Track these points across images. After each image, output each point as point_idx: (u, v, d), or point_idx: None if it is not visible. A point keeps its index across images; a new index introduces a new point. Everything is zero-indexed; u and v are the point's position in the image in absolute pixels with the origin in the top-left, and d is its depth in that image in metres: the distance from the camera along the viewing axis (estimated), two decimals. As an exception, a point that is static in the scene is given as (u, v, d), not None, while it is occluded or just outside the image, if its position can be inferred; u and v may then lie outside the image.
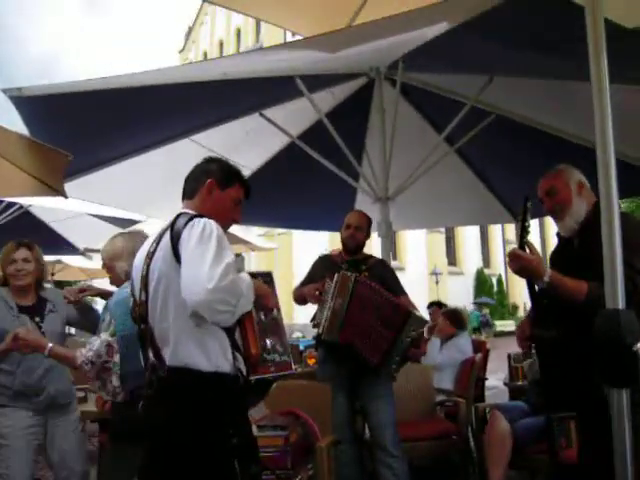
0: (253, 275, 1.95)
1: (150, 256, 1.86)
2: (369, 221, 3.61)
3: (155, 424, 1.81)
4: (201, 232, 1.75)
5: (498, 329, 27.38)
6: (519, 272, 2.09)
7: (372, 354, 3.07)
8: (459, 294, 27.53)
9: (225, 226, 1.93)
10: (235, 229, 6.99)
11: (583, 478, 2.19)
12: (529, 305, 2.33)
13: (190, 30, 43.23)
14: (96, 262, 8.40)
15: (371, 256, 3.55)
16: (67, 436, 3.03)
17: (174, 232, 1.80)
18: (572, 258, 2.17)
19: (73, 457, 3.03)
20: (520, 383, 4.18)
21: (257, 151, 4.72)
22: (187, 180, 2.05)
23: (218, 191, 1.99)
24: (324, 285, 3.27)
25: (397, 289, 3.36)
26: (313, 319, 3.33)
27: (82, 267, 9.72)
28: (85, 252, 7.86)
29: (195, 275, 1.67)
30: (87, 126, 3.24)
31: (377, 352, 3.07)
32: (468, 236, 33.58)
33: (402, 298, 3.29)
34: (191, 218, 1.81)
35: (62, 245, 6.86)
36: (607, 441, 1.97)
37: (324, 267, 3.49)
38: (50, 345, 2.53)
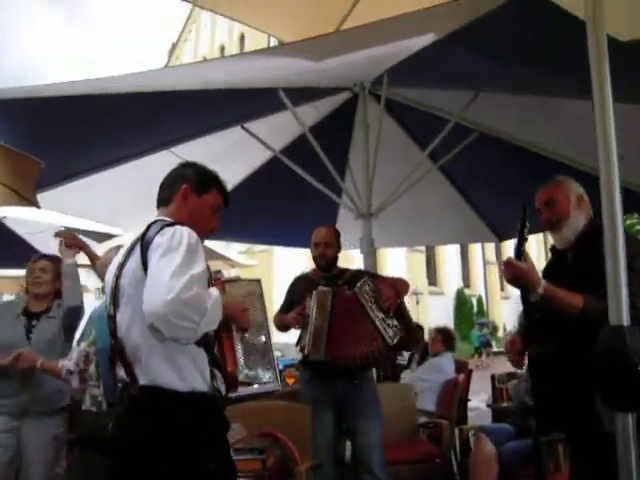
0: (237, 282, 1.85)
1: (120, 268, 1.75)
2: (337, 234, 3.53)
3: (125, 445, 1.69)
4: (169, 240, 1.64)
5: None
6: (513, 282, 2.03)
7: (371, 346, 3.00)
8: (439, 314, 27.51)
9: (203, 235, 1.82)
10: (215, 245, 6.86)
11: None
12: (508, 326, 2.26)
13: (174, 47, 43.22)
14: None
15: (347, 269, 3.47)
16: (40, 451, 2.91)
17: (144, 242, 1.69)
18: (566, 272, 2.11)
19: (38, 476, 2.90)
20: (505, 405, 4.10)
21: (238, 165, 4.63)
22: (162, 186, 1.95)
23: (194, 197, 1.89)
24: (304, 307, 3.19)
25: None
26: (298, 342, 3.24)
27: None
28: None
29: (155, 285, 1.56)
30: (60, 134, 3.13)
31: (374, 340, 3.00)
32: (448, 256, 33.68)
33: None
34: (163, 227, 1.70)
35: (37, 259, 6.66)
36: (601, 465, 1.90)
37: (302, 288, 3.39)
38: (40, 361, 2.78)
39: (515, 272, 2.00)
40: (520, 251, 2.04)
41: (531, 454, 2.96)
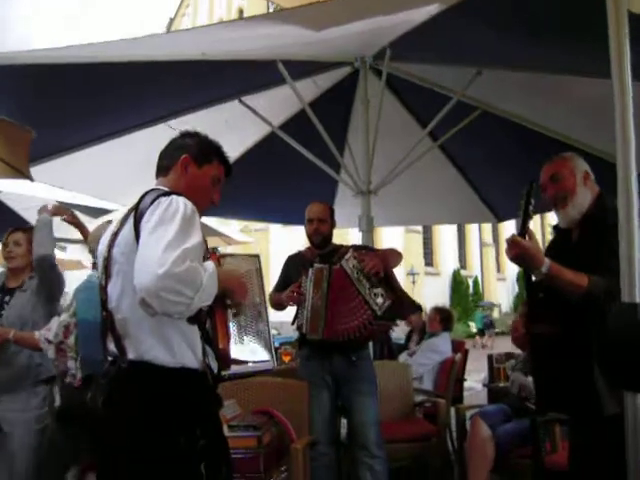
0: (235, 257, 1.80)
1: (113, 238, 1.69)
2: (331, 210, 3.46)
3: (112, 420, 1.65)
4: (164, 211, 1.57)
5: (473, 330, 27.57)
6: (516, 260, 1.98)
7: (361, 318, 2.97)
8: (435, 295, 27.62)
9: (202, 207, 1.76)
10: (213, 222, 6.81)
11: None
12: (504, 307, 2.22)
13: (171, 21, 42.64)
14: (70, 253, 8.12)
15: (342, 246, 3.42)
16: (23, 430, 2.77)
17: (139, 211, 1.63)
18: (569, 251, 2.05)
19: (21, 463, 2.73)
20: (502, 384, 4.09)
21: (236, 140, 4.55)
22: (162, 155, 1.88)
23: (194, 168, 1.83)
24: (300, 285, 3.15)
25: None
26: (294, 321, 3.20)
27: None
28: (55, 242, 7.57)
29: (146, 259, 1.50)
30: (50, 105, 3.04)
31: (363, 312, 2.97)
32: (445, 237, 33.70)
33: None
34: (159, 196, 1.64)
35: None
36: (601, 446, 1.88)
37: (297, 266, 3.34)
38: (12, 332, 2.70)
39: (519, 250, 1.95)
40: (524, 229, 1.99)
41: (527, 435, 2.93)
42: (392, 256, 3.24)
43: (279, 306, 3.33)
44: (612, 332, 1.35)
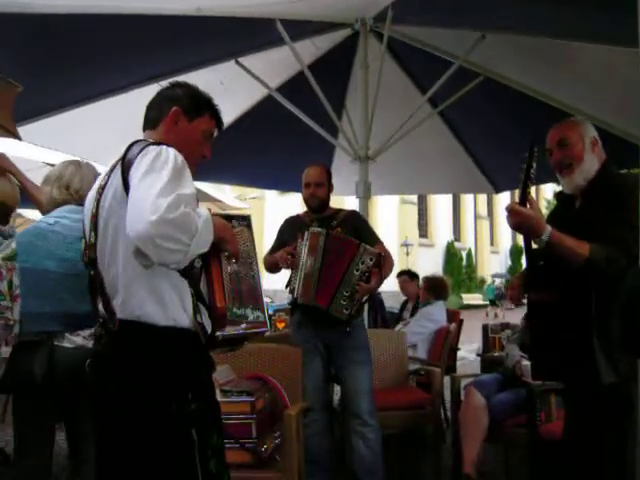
0: (228, 217, 1.72)
1: (100, 191, 1.61)
2: (329, 174, 3.37)
3: (103, 384, 1.60)
4: (154, 159, 1.49)
5: (465, 302, 27.76)
6: (517, 228, 1.93)
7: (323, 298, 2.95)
8: (429, 266, 27.69)
9: (193, 163, 1.68)
10: (208, 188, 6.71)
11: (568, 453, 2.08)
12: (497, 279, 2.18)
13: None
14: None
15: (341, 210, 3.35)
16: None
17: (126, 160, 1.55)
18: (573, 218, 2.00)
19: None
20: (497, 354, 4.09)
21: (231, 103, 4.43)
22: (150, 107, 1.78)
23: (185, 121, 1.74)
24: (295, 248, 3.09)
25: (372, 239, 3.18)
26: (288, 285, 3.16)
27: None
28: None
29: (138, 206, 1.42)
30: (37, 59, 2.92)
31: (327, 295, 2.94)
32: (440, 209, 33.66)
33: (377, 246, 3.12)
34: (147, 145, 1.56)
35: (22, 198, 6.48)
36: (598, 415, 1.86)
37: (293, 229, 3.26)
38: None
39: (520, 218, 1.90)
40: (525, 195, 1.92)
41: (521, 404, 2.95)
42: (388, 271, 3.17)
43: (273, 268, 3.27)
44: (628, 297, 1.29)
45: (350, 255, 2.97)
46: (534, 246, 2.02)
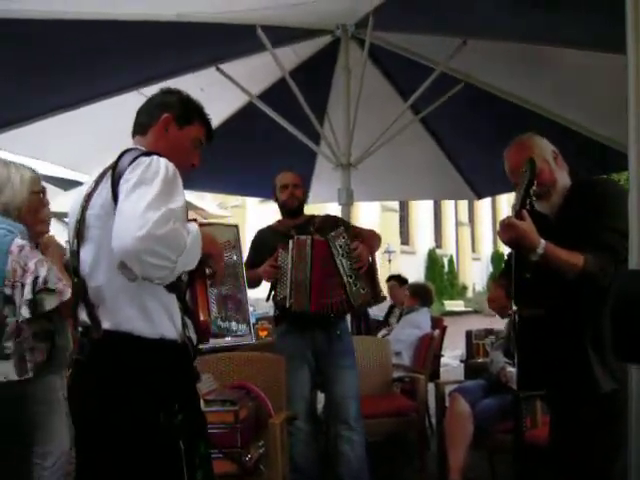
0: (214, 226, 1.70)
1: (87, 199, 1.58)
2: (302, 178, 3.43)
3: (86, 396, 1.56)
4: (144, 170, 1.46)
5: (447, 309, 27.86)
6: (510, 243, 1.88)
7: (339, 297, 2.93)
8: (411, 273, 27.80)
9: (182, 171, 1.65)
10: (190, 197, 6.66)
11: (552, 459, 2.07)
12: (477, 286, 2.14)
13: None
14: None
15: (314, 215, 3.33)
16: None
17: (117, 170, 1.51)
18: (550, 232, 1.95)
19: None
20: (481, 360, 4.09)
21: (211, 110, 4.39)
22: (140, 113, 1.76)
23: (175, 129, 1.72)
24: (277, 259, 3.04)
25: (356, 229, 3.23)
26: (269, 298, 3.12)
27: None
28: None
29: (126, 220, 1.39)
30: (17, 66, 2.88)
31: (341, 294, 2.94)
32: (422, 216, 33.81)
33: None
34: (139, 155, 1.53)
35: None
36: (593, 423, 1.85)
37: (271, 240, 3.20)
38: None
39: (514, 233, 1.84)
40: (525, 208, 1.86)
41: (507, 410, 2.92)
42: (375, 240, 3.18)
43: (253, 283, 3.14)
44: (618, 301, 1.27)
45: (327, 251, 2.96)
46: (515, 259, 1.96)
